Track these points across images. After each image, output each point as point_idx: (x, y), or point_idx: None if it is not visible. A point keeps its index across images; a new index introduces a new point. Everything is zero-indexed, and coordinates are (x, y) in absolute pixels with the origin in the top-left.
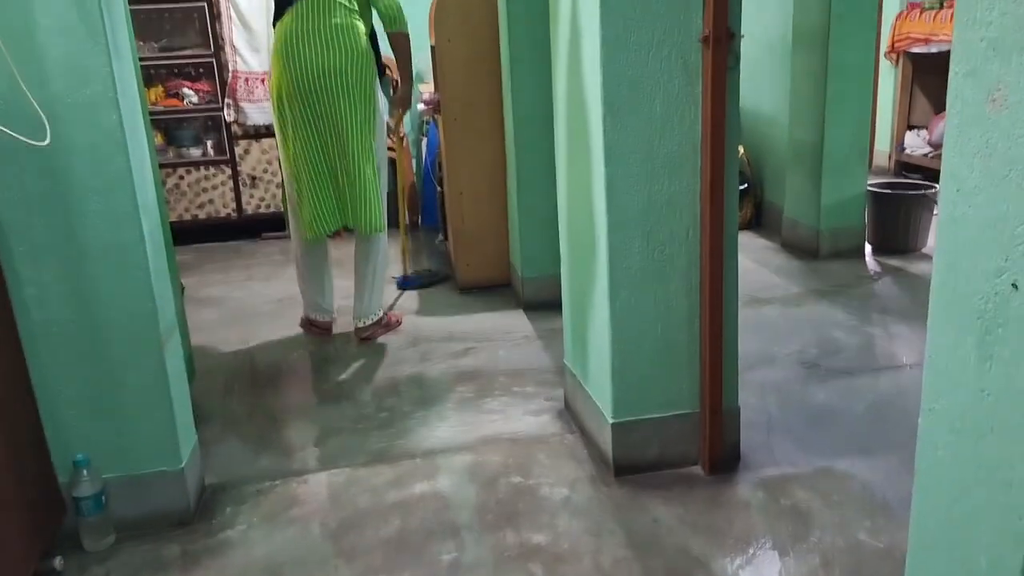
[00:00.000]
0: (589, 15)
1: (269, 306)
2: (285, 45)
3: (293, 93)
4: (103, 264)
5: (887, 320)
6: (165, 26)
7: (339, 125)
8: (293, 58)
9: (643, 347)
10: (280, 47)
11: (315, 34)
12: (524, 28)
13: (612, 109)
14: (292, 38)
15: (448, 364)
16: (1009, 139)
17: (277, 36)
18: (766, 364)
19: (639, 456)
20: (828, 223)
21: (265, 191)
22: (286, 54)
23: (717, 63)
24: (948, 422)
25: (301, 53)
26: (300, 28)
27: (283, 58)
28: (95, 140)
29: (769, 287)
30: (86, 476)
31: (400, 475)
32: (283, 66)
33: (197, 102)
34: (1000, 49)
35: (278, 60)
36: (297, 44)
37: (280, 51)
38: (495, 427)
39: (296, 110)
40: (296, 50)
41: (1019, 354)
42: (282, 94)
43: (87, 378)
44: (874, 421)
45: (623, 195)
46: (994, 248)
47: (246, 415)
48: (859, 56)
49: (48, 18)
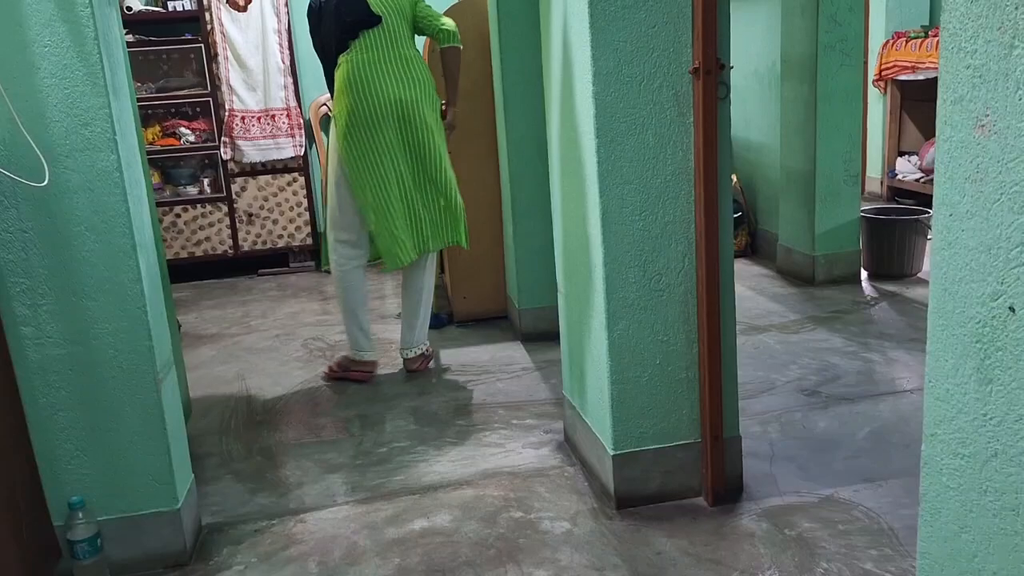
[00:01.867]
0: (581, 48)
1: (266, 342)
2: (359, 78)
3: (372, 124)
4: (100, 302)
5: (885, 345)
6: (162, 67)
7: (423, 152)
8: (370, 89)
9: (642, 377)
10: (353, 79)
11: (387, 65)
12: (518, 60)
13: (605, 140)
14: (366, 69)
15: (447, 397)
16: (999, 164)
17: (347, 69)
18: (766, 392)
19: (641, 488)
20: (823, 249)
21: (261, 228)
22: (361, 86)
23: (707, 94)
24: (951, 448)
25: (377, 84)
26: (372, 59)
27: (359, 90)
28: (93, 180)
29: (766, 314)
30: (81, 519)
31: (399, 512)
32: (359, 97)
33: (194, 141)
34: (986, 76)
35: (350, 91)
36: (372, 76)
37: (354, 83)
38: (495, 461)
39: (377, 140)
40: (371, 82)
41: (1019, 378)
42: (358, 124)
43: (83, 417)
44: (876, 448)
45: (618, 225)
46: (989, 272)
47: (243, 453)
48: (847, 84)
49: (48, 61)
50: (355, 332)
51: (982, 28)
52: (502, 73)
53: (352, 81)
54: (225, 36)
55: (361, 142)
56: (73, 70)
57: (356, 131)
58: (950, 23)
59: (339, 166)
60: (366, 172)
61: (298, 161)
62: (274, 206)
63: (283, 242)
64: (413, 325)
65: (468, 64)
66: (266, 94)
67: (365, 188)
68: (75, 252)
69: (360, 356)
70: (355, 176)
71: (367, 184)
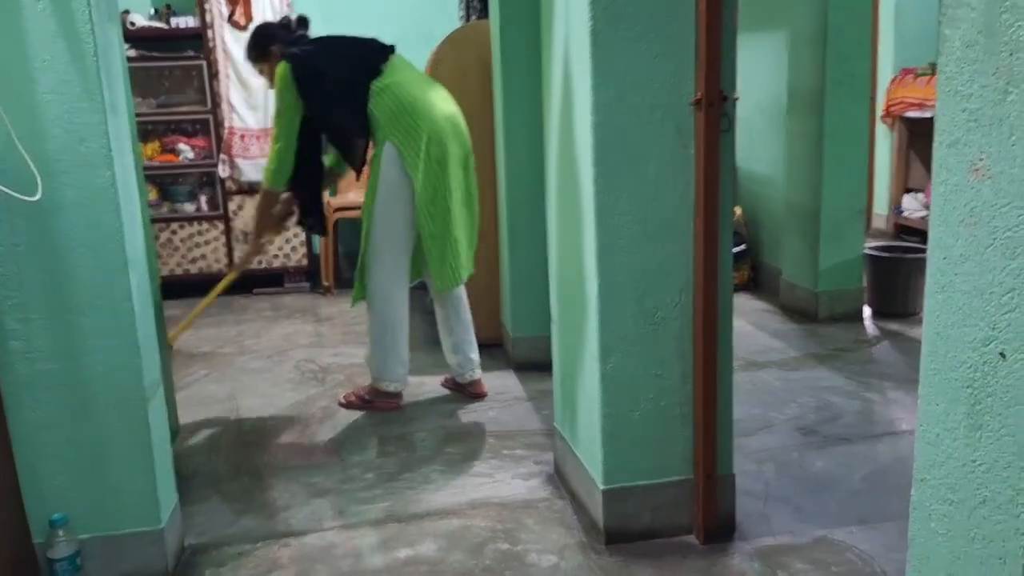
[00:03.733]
0: (582, 78)
1: (258, 362)
2: (411, 95)
3: (437, 139)
4: (90, 319)
5: (885, 385)
6: (164, 83)
7: (470, 170)
8: (425, 106)
9: (635, 412)
10: (406, 98)
11: (424, 83)
12: (518, 87)
13: (604, 171)
14: (412, 88)
15: (437, 424)
16: (993, 208)
17: (395, 92)
18: (764, 430)
19: (631, 524)
20: (826, 286)
21: None
22: (416, 104)
23: (710, 126)
24: (940, 493)
25: (427, 101)
26: (410, 79)
27: (416, 107)
28: (88, 196)
29: (766, 350)
30: (62, 536)
31: (385, 539)
32: (419, 114)
33: (192, 158)
34: (981, 120)
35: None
36: (420, 93)
37: (409, 102)
38: (483, 491)
39: (443, 156)
40: (422, 99)
41: (1008, 425)
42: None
43: (68, 434)
44: (872, 490)
45: (615, 258)
46: (982, 317)
47: (230, 474)
48: (854, 120)
49: (47, 76)
50: (392, 362)
51: (978, 73)
52: (503, 100)
53: (405, 102)
54: (227, 54)
55: (426, 161)
56: (72, 86)
57: (421, 150)
58: (947, 66)
59: (395, 187)
60: (433, 192)
61: None
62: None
63: (279, 262)
64: (474, 345)
65: (469, 91)
66: (267, 113)
67: (433, 209)
68: (67, 268)
69: (391, 387)
70: (423, 198)
71: (434, 205)
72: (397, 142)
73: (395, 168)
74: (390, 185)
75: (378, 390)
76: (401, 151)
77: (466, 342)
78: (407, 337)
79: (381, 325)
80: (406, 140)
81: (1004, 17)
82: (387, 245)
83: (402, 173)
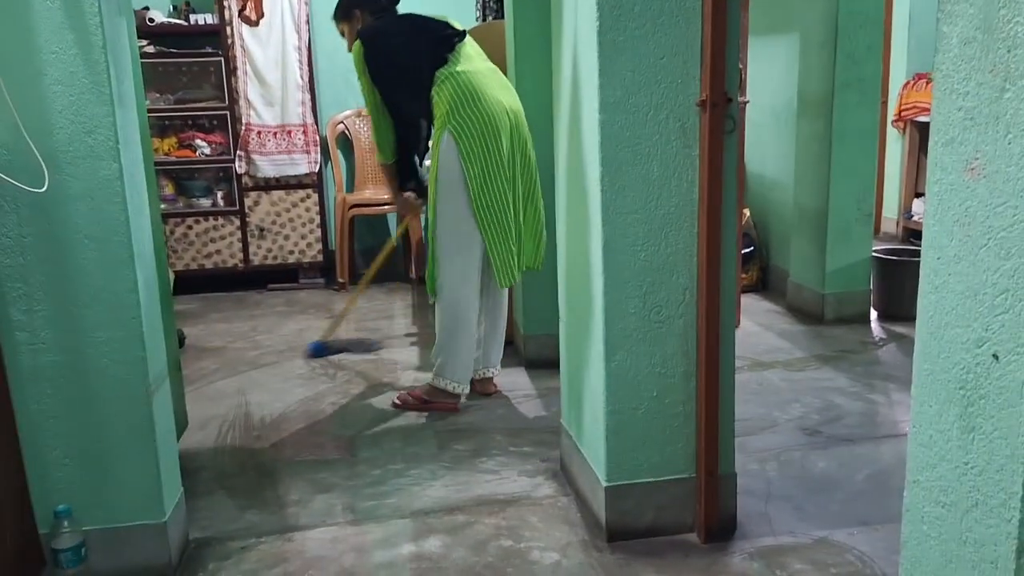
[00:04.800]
0: (589, 77)
1: (270, 357)
2: (472, 87)
3: (492, 134)
4: (95, 311)
5: (890, 387)
6: (182, 79)
7: (531, 165)
8: (485, 99)
9: (639, 409)
10: (466, 90)
11: (489, 75)
12: (532, 87)
13: (610, 170)
14: (477, 79)
15: (446, 421)
16: (987, 208)
17: (456, 81)
18: (767, 429)
19: (633, 521)
20: (833, 288)
21: (272, 243)
22: (477, 96)
23: (714, 127)
24: (933, 496)
25: (487, 94)
26: (475, 70)
27: (475, 100)
28: (94, 188)
29: (773, 351)
30: (67, 527)
31: (389, 535)
32: (477, 108)
33: (209, 153)
34: (977, 119)
35: (468, 103)
36: (483, 85)
37: (469, 94)
38: (489, 487)
39: (497, 151)
40: (483, 91)
41: (1001, 427)
42: (478, 135)
43: (73, 426)
44: (875, 491)
45: (620, 255)
46: (975, 318)
47: (237, 468)
48: (863, 124)
49: (55, 67)
50: (458, 362)
51: (974, 70)
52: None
53: (467, 91)
54: (245, 51)
55: (481, 153)
56: (79, 78)
57: (477, 141)
58: (943, 64)
59: (457, 183)
60: (487, 185)
61: (312, 177)
62: (286, 221)
63: (293, 258)
64: (501, 343)
65: None
66: (284, 110)
67: (487, 201)
68: (73, 260)
69: (451, 387)
70: (477, 190)
71: (489, 197)
72: (454, 132)
73: (453, 158)
74: (449, 174)
75: (438, 388)
76: (457, 141)
77: (491, 340)
78: (474, 339)
79: (445, 324)
80: (462, 130)
81: (1002, 12)
82: (450, 238)
83: (459, 163)
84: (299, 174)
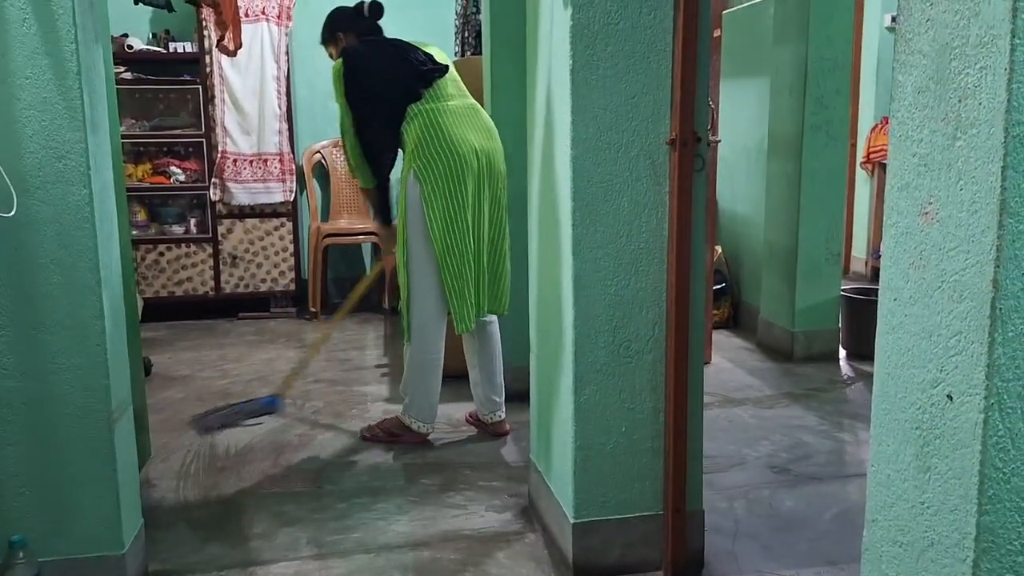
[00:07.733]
0: (562, 114)
1: (238, 387)
2: (440, 125)
3: (456, 175)
4: (59, 337)
5: (857, 426)
6: (159, 105)
7: (500, 209)
8: (452, 138)
9: (607, 444)
10: (434, 128)
11: (464, 114)
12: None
13: (581, 205)
14: (446, 118)
15: (414, 454)
16: (940, 251)
17: (425, 119)
18: (736, 467)
19: (600, 558)
20: (803, 325)
21: (245, 271)
22: (443, 135)
23: (684, 166)
24: (891, 535)
25: (456, 133)
26: (448, 108)
27: (440, 138)
28: (63, 214)
29: (743, 388)
30: (22, 558)
31: (352, 570)
32: (442, 147)
33: (184, 180)
34: (931, 165)
35: (432, 141)
36: (452, 124)
37: (436, 132)
38: (456, 523)
39: (459, 193)
40: (452, 131)
41: (955, 467)
42: (440, 175)
43: (31, 453)
44: (842, 529)
45: (590, 289)
46: (930, 359)
47: (199, 499)
48: (831, 165)
49: (28, 92)
50: (425, 402)
51: (928, 119)
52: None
53: (433, 130)
54: (224, 79)
55: (443, 195)
56: (53, 103)
57: (439, 183)
58: (899, 112)
59: (420, 223)
60: (447, 227)
61: (287, 206)
62: (259, 249)
63: (266, 286)
64: (500, 384)
65: None
66: (260, 138)
67: (446, 244)
68: (38, 285)
69: (420, 428)
70: (437, 232)
71: (448, 240)
72: (418, 171)
73: (416, 198)
74: (413, 214)
75: (406, 426)
76: (421, 181)
77: (488, 381)
78: (439, 379)
79: (413, 362)
80: (426, 170)
81: (954, 64)
82: (419, 277)
83: (420, 204)
84: (274, 202)
